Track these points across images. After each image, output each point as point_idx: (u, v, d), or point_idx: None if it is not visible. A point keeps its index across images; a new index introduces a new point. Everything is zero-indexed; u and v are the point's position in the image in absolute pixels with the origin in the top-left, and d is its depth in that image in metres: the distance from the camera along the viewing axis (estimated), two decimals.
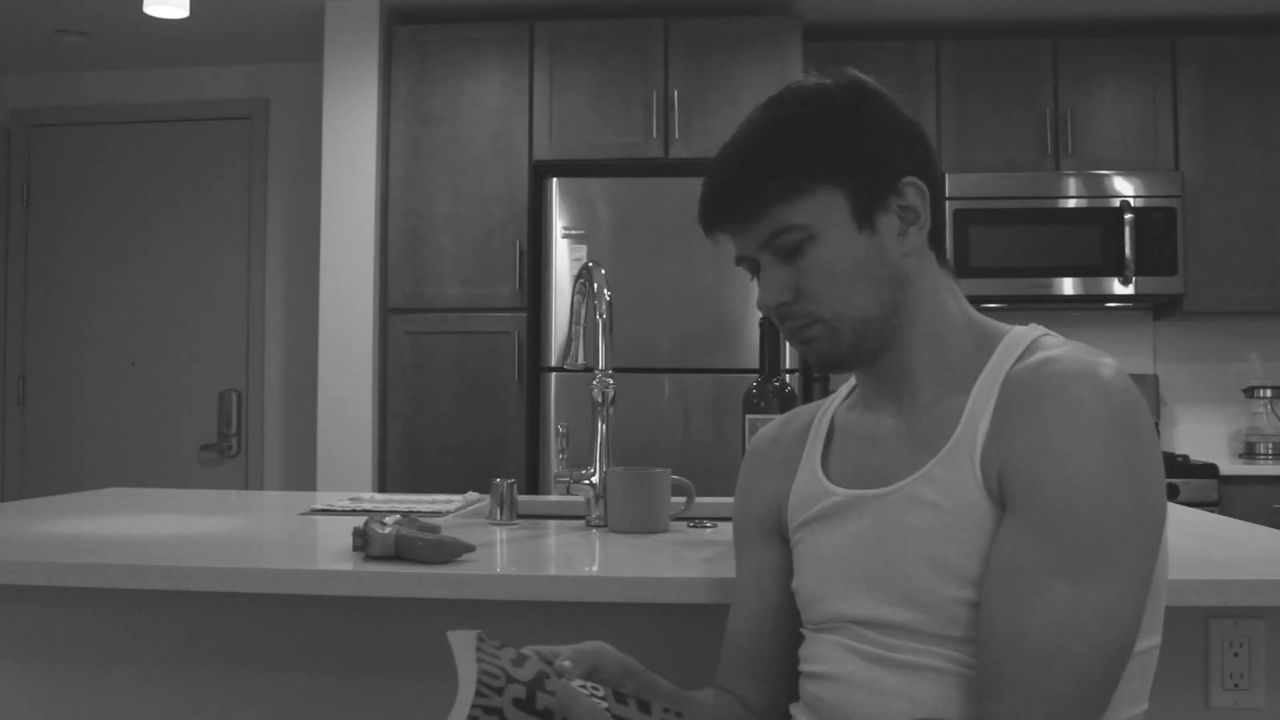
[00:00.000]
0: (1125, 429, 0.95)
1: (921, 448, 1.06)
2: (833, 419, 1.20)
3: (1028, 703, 0.91)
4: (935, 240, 1.12)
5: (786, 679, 1.20)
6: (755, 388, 1.75)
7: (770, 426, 1.29)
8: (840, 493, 1.11)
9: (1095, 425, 0.95)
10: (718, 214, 1.10)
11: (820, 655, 1.10)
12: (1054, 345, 1.04)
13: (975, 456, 1.00)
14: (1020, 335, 1.08)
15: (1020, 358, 1.04)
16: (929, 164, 1.11)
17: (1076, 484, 0.94)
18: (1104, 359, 1.00)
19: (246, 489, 4.61)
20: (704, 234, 1.13)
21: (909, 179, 1.08)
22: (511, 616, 1.58)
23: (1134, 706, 1.01)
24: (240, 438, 4.68)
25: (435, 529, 1.51)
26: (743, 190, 1.08)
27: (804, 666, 1.13)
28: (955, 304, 1.12)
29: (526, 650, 1.00)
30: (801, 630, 1.16)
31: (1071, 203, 3.99)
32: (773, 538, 1.22)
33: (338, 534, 1.77)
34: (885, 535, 1.05)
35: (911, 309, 1.09)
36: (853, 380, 1.21)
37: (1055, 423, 0.96)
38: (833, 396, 1.24)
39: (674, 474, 1.86)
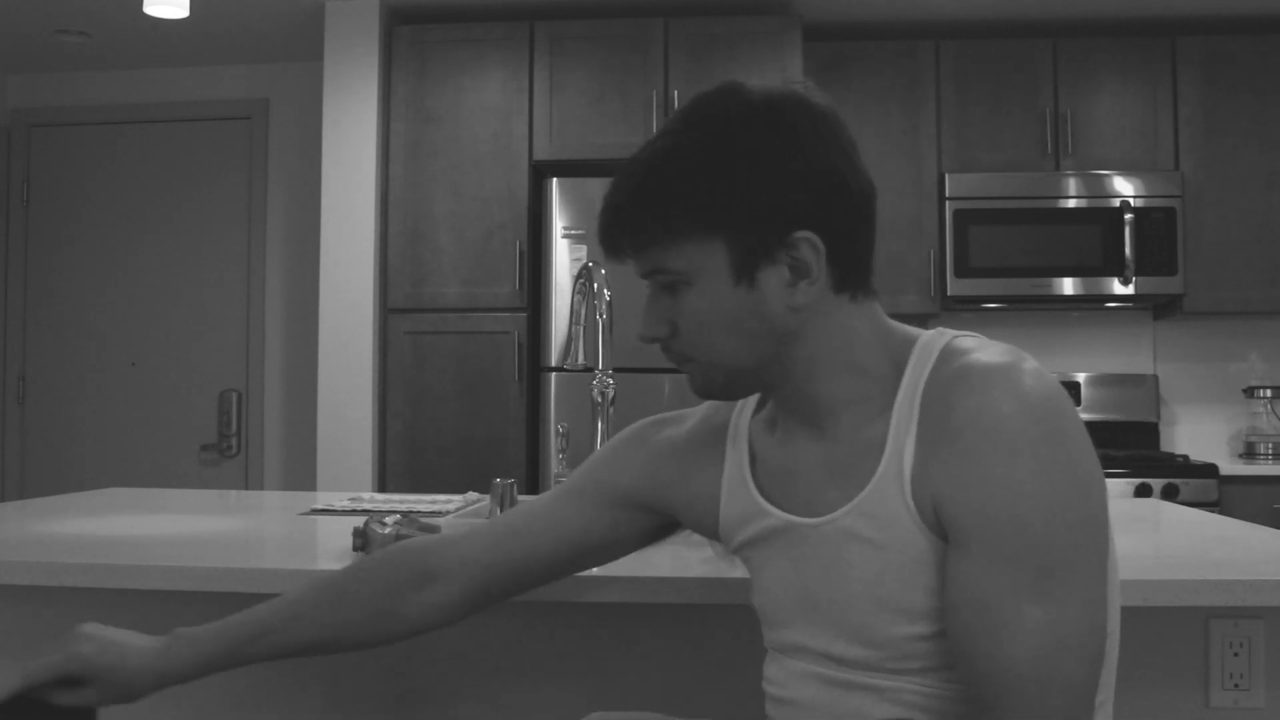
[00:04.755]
0: (1054, 438, 0.94)
1: (847, 478, 1.03)
2: (749, 431, 1.16)
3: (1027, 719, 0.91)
4: (853, 279, 1.05)
5: (489, 605, 1.26)
6: None
7: (675, 416, 1.25)
8: (777, 514, 1.09)
9: (1026, 442, 0.93)
10: (607, 238, 1.06)
11: (783, 680, 1.10)
12: (965, 352, 1.00)
13: (905, 488, 0.98)
14: (929, 343, 1.04)
15: (934, 369, 1.01)
16: (839, 210, 1.02)
17: (1021, 508, 0.92)
18: (1021, 364, 0.97)
19: (246, 489, 4.61)
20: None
21: (802, 233, 1.00)
22: (511, 616, 1.58)
23: (1099, 694, 1.01)
24: (240, 438, 4.68)
25: (435, 529, 1.51)
26: (625, 224, 1.04)
27: (769, 689, 1.14)
28: (869, 328, 1.06)
29: None
30: (765, 645, 1.16)
31: (1071, 203, 3.99)
32: (627, 510, 1.22)
33: (338, 534, 1.77)
34: (827, 569, 1.04)
35: (803, 357, 1.05)
36: None
37: (985, 449, 0.93)
38: (743, 403, 1.19)
39: None
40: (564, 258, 3.83)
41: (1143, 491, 3.67)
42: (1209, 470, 3.72)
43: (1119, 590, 1.04)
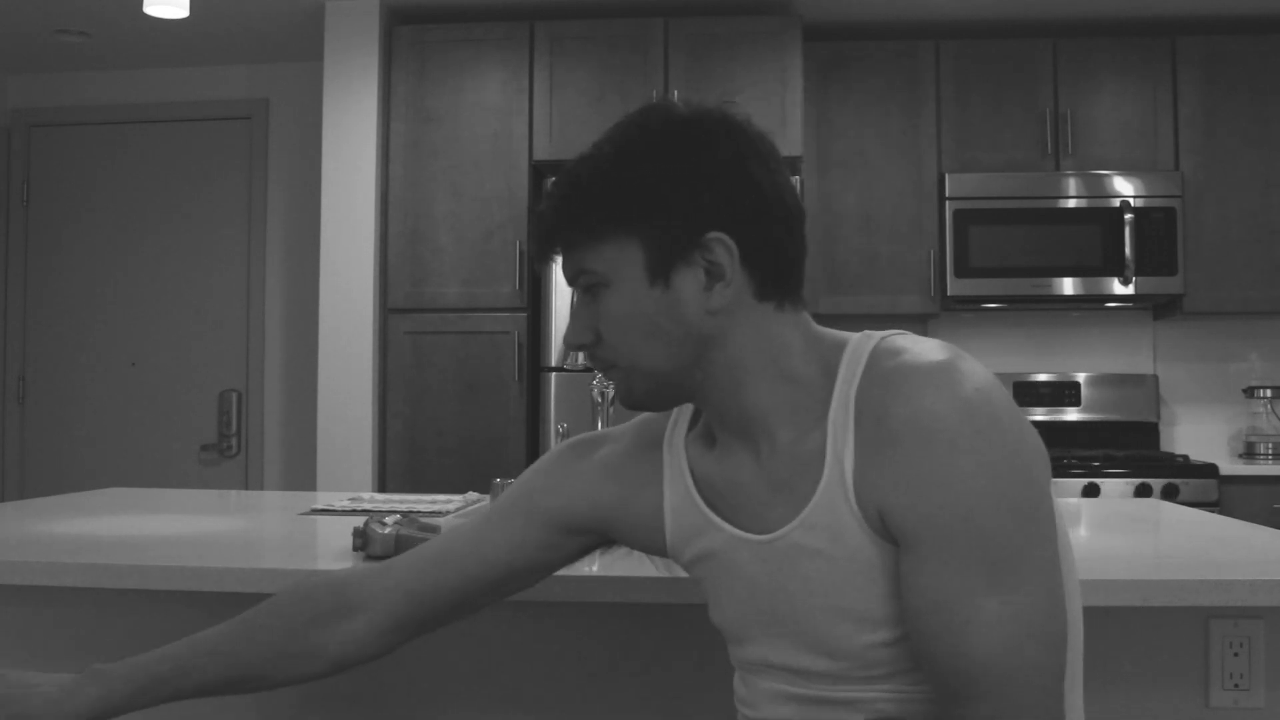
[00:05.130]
0: (989, 431, 0.94)
1: (791, 493, 1.03)
2: (686, 447, 1.15)
3: (1001, 712, 0.92)
4: (775, 289, 1.05)
5: (421, 634, 1.22)
6: None
7: (606, 434, 1.24)
8: (727, 529, 1.09)
9: (963, 438, 0.93)
10: (534, 244, 1.09)
11: (755, 700, 1.10)
12: (897, 353, 1.00)
13: (850, 496, 0.98)
14: (857, 346, 1.03)
15: (865, 372, 1.00)
16: (754, 216, 1.03)
17: (965, 505, 0.93)
18: (954, 362, 0.97)
19: (246, 489, 4.61)
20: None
21: (715, 235, 1.01)
22: (511, 617, 1.58)
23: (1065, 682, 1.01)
24: (240, 438, 4.68)
25: (435, 529, 1.51)
26: (551, 228, 1.07)
27: (740, 708, 1.14)
28: (798, 337, 1.06)
29: None
30: (732, 663, 1.15)
31: (1071, 203, 3.99)
32: (559, 532, 1.20)
33: (338, 534, 1.77)
34: (784, 584, 1.04)
35: (725, 363, 1.04)
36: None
37: (923, 450, 0.94)
38: (677, 414, 1.18)
39: None
40: None
41: (1143, 491, 3.67)
42: (1209, 470, 3.72)
43: (1077, 578, 1.05)
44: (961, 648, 0.92)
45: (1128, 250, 3.91)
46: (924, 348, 1.00)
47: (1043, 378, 4.23)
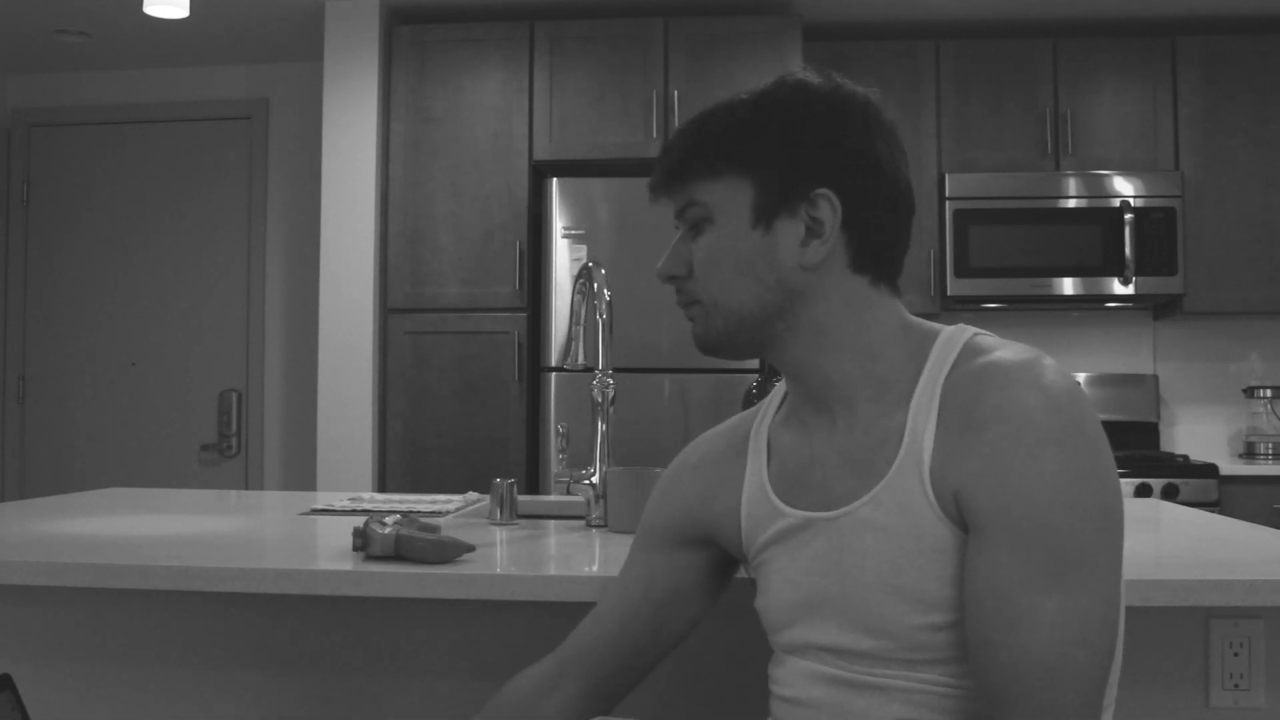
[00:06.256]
0: (1076, 434, 0.95)
1: (865, 469, 1.04)
2: (769, 434, 1.17)
3: (1038, 717, 0.91)
4: (870, 263, 1.08)
5: (624, 691, 1.23)
6: (755, 388, 1.76)
7: (707, 436, 1.27)
8: (793, 514, 1.09)
9: (1049, 436, 0.95)
10: (655, 176, 1.14)
11: (788, 680, 1.10)
12: (989, 349, 1.03)
13: (925, 477, 0.99)
14: (951, 338, 1.06)
15: (956, 364, 1.03)
16: (865, 186, 1.06)
17: (1043, 499, 0.93)
18: (1043, 360, 0.99)
19: (246, 489, 4.61)
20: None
21: (823, 191, 1.05)
22: (511, 616, 1.58)
23: (1107, 694, 1.01)
24: (240, 438, 4.68)
25: (435, 529, 1.51)
26: (672, 159, 1.11)
27: (774, 688, 1.14)
28: (888, 318, 1.09)
29: None
30: (771, 647, 1.16)
31: (1071, 203, 3.99)
32: (676, 547, 1.22)
33: (338, 534, 1.77)
34: (841, 561, 1.04)
35: (809, 322, 1.07)
36: (784, 388, 1.20)
37: (1009, 440, 0.95)
38: (767, 404, 1.21)
39: None
40: (564, 258, 3.83)
41: (1143, 491, 3.68)
42: (1209, 470, 3.72)
43: (1124, 589, 1.05)
44: (1013, 642, 0.92)
45: (1128, 250, 3.92)
46: (1014, 347, 1.03)
47: None
